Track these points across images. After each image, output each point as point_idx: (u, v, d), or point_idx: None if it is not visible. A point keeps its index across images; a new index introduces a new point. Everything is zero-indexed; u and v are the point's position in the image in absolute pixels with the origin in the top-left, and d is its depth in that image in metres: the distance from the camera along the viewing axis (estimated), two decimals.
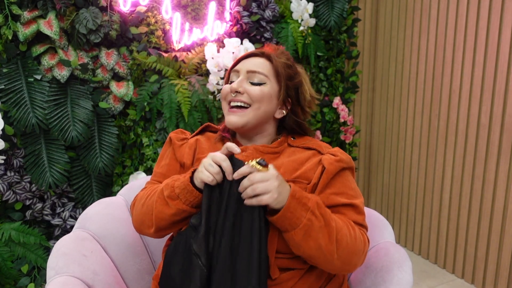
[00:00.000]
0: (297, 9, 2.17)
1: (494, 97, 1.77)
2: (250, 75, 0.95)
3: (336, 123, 2.48)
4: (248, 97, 0.93)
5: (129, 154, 1.90)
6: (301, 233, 0.77)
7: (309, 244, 0.78)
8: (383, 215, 2.22)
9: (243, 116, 0.93)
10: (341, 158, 0.91)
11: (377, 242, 1.07)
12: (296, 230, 0.77)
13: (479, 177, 1.87)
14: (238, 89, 0.93)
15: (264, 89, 0.94)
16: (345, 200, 0.88)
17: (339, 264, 0.81)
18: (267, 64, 0.97)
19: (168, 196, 0.85)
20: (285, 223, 0.78)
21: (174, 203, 0.84)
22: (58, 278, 0.91)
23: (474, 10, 1.83)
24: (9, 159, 1.68)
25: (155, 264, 1.19)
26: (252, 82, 0.95)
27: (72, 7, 1.69)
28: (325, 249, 0.79)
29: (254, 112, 0.94)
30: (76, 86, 1.74)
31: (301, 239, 0.78)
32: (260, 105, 0.94)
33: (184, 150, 1.00)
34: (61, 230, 1.77)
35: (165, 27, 1.90)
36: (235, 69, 0.98)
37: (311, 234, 0.77)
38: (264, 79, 0.95)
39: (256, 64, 0.96)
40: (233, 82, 0.96)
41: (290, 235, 0.78)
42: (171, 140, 1.04)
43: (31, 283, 1.64)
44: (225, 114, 0.97)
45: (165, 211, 0.86)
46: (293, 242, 0.79)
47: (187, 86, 1.86)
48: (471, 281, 1.96)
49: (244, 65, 0.97)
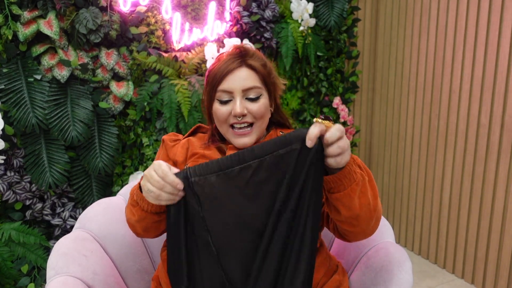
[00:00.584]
0: (297, 9, 2.17)
1: (494, 97, 1.77)
2: (245, 93, 0.92)
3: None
4: (252, 117, 0.93)
5: (129, 154, 1.90)
6: (357, 189, 0.75)
7: (361, 200, 0.77)
8: (383, 215, 2.21)
9: (252, 135, 0.94)
10: None
11: (377, 242, 1.07)
12: (352, 185, 0.74)
13: (479, 177, 1.87)
14: (243, 113, 0.91)
15: (263, 103, 0.94)
16: None
17: (374, 222, 0.82)
18: (253, 74, 0.93)
19: (130, 203, 0.88)
20: (344, 180, 0.74)
21: (135, 210, 0.86)
22: (58, 278, 0.91)
23: (474, 10, 1.83)
24: (9, 159, 1.68)
25: (155, 264, 1.19)
26: (250, 98, 0.93)
27: (72, 7, 1.69)
28: (372, 205, 0.79)
29: (259, 128, 0.95)
30: (76, 86, 1.74)
31: (357, 195, 0.76)
32: (263, 120, 0.95)
33: (177, 149, 1.00)
34: (61, 230, 1.77)
35: (165, 27, 1.90)
36: (225, 89, 0.92)
37: (364, 189, 0.77)
38: (259, 91, 0.93)
39: (245, 79, 0.92)
40: (227, 101, 0.93)
41: (347, 193, 0.75)
42: (163, 143, 1.04)
43: (31, 283, 1.64)
44: (229, 136, 0.95)
45: (132, 217, 0.88)
46: (348, 200, 0.76)
47: (187, 86, 1.86)
48: (471, 281, 1.96)
49: (234, 84, 0.92)
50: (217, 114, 0.94)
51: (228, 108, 0.92)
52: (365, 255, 1.06)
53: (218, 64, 0.95)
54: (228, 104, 0.93)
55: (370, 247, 1.07)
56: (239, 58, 0.94)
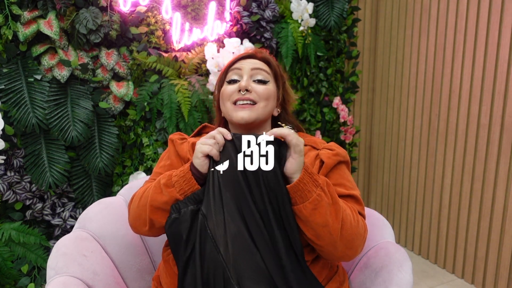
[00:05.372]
0: (297, 9, 2.17)
1: (494, 97, 1.77)
2: (254, 72, 0.97)
3: (336, 123, 2.48)
4: (256, 95, 0.95)
5: (129, 154, 1.90)
6: (310, 207, 0.79)
7: (316, 219, 0.79)
8: (383, 215, 2.22)
9: (253, 111, 0.94)
10: (338, 152, 0.94)
11: (377, 242, 1.07)
12: (305, 203, 0.79)
13: (479, 177, 1.87)
14: (248, 87, 0.94)
15: (269, 88, 0.97)
16: (345, 191, 0.91)
17: (341, 247, 0.83)
18: (265, 64, 1.00)
19: (164, 184, 0.86)
20: (296, 195, 0.79)
21: (168, 191, 0.85)
22: (58, 278, 0.91)
23: (474, 10, 1.83)
24: (9, 159, 1.68)
25: (155, 264, 1.19)
26: (257, 79, 0.97)
27: (72, 7, 1.69)
28: (331, 227, 0.80)
29: (262, 109, 0.95)
30: (76, 86, 1.74)
31: (310, 213, 0.79)
32: (267, 103, 0.96)
33: (186, 147, 1.01)
34: (61, 230, 1.77)
35: (165, 27, 1.90)
36: (236, 67, 0.98)
37: (319, 209, 0.79)
38: (268, 77, 0.98)
39: (257, 63, 0.99)
40: (235, 81, 0.97)
41: (299, 208, 0.80)
42: (171, 141, 1.04)
43: (31, 283, 1.64)
44: (230, 111, 0.96)
45: (158, 199, 0.86)
46: (302, 215, 0.80)
47: (187, 86, 1.86)
48: (471, 281, 1.96)
49: (245, 64, 0.98)
50: (223, 94, 0.98)
51: (235, 86, 0.96)
52: (365, 255, 1.06)
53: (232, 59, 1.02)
54: (235, 83, 0.97)
55: (370, 247, 1.07)
56: (253, 53, 1.01)
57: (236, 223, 0.80)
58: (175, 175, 0.86)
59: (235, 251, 0.78)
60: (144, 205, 0.90)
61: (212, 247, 0.79)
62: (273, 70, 1.00)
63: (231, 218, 0.80)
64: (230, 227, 0.79)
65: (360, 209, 0.92)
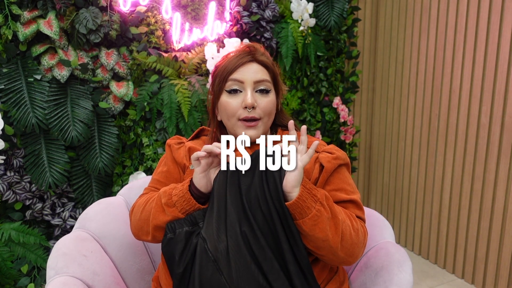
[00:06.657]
0: (297, 9, 2.17)
1: (494, 97, 1.77)
2: (256, 85, 0.95)
3: (336, 123, 2.48)
4: (260, 112, 0.94)
5: (129, 154, 1.90)
6: (310, 223, 0.79)
7: (316, 234, 0.79)
8: (383, 215, 2.22)
9: (259, 129, 0.95)
10: (338, 155, 0.93)
11: (377, 242, 1.07)
12: (305, 219, 0.79)
13: (479, 177, 1.87)
14: (254, 105, 0.93)
15: (271, 99, 0.96)
16: (345, 196, 0.91)
17: (342, 255, 0.83)
18: (264, 69, 0.97)
19: (165, 204, 0.87)
20: (296, 212, 0.79)
21: (170, 211, 0.87)
22: (58, 278, 0.91)
23: (474, 10, 1.82)
24: (9, 159, 1.68)
25: (155, 264, 1.19)
26: (260, 89, 0.94)
27: (72, 7, 1.69)
28: (332, 240, 0.80)
29: (266, 124, 0.96)
30: (76, 86, 1.74)
31: (310, 228, 0.79)
32: (269, 118, 0.97)
33: (183, 153, 1.01)
34: (61, 230, 1.77)
35: (165, 27, 1.90)
36: (237, 78, 0.94)
37: (319, 224, 0.79)
38: (269, 85, 0.96)
39: (257, 72, 0.95)
40: (236, 90, 0.94)
41: (299, 224, 0.80)
42: (168, 146, 1.05)
43: (31, 283, 1.64)
44: (236, 128, 0.95)
45: (161, 218, 0.88)
46: (302, 230, 0.81)
47: (187, 86, 1.86)
48: (471, 281, 1.96)
49: (246, 75, 0.94)
50: (226, 107, 0.95)
51: (238, 100, 0.94)
52: (365, 255, 1.06)
53: (227, 59, 0.97)
54: (237, 95, 0.94)
55: (370, 247, 1.07)
56: (249, 54, 0.96)
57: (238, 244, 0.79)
58: (175, 195, 0.87)
59: (239, 274, 0.78)
60: (146, 219, 0.92)
61: (214, 270, 0.79)
62: (271, 75, 0.98)
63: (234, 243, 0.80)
64: (233, 250, 0.79)
65: (360, 214, 0.92)
